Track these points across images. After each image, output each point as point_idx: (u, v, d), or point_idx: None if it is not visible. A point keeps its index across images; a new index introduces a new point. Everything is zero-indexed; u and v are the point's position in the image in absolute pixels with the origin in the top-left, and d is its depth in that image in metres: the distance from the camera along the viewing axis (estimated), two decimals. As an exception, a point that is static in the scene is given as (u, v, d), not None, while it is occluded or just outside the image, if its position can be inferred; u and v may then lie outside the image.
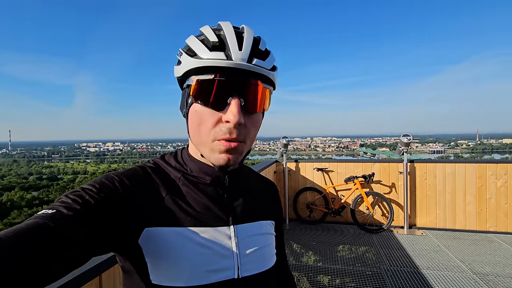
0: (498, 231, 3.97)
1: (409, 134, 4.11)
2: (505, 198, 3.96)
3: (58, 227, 0.38)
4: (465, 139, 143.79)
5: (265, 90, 0.51)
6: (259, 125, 0.55)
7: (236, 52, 0.47)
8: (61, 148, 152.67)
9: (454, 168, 4.16)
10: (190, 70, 0.49)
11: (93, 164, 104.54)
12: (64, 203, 0.43)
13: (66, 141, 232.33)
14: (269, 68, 0.51)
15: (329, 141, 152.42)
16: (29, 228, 0.36)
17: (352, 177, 4.32)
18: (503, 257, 3.25)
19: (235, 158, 0.51)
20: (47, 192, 36.83)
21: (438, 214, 4.20)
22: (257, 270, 0.56)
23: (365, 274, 2.92)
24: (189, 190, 0.55)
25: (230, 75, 0.48)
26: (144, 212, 0.50)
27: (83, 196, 0.45)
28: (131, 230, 0.48)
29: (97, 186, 0.47)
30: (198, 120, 0.51)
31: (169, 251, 0.49)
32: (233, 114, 0.47)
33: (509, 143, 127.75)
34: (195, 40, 0.50)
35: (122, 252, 0.50)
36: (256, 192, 0.65)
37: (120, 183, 0.50)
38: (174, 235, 0.50)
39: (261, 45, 0.52)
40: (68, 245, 0.38)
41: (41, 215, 0.40)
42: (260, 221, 0.61)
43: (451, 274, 2.89)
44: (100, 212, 0.44)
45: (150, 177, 0.55)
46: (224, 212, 0.56)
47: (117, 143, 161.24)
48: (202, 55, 0.48)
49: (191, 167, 0.58)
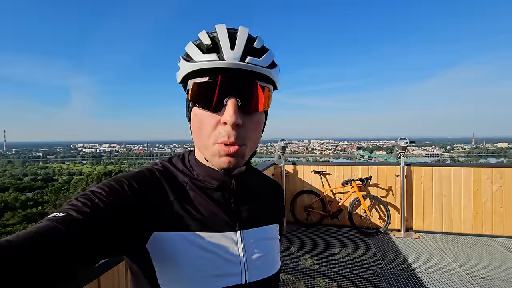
0: (493, 235, 4.00)
1: (406, 138, 4.14)
2: (501, 202, 4.00)
3: (69, 230, 0.39)
4: (461, 143, 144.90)
5: (262, 88, 0.50)
6: (261, 125, 0.54)
7: (228, 52, 0.47)
8: (57, 149, 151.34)
9: (450, 172, 4.20)
10: (187, 74, 0.50)
11: (89, 165, 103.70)
12: (74, 206, 0.43)
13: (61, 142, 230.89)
14: (265, 66, 0.50)
15: (326, 143, 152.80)
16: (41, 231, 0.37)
17: (350, 180, 4.33)
18: (499, 260, 3.27)
19: (237, 161, 0.50)
20: (42, 194, 36.46)
21: (434, 217, 4.23)
22: (263, 276, 0.56)
23: (362, 277, 2.93)
24: (196, 195, 0.55)
25: (225, 76, 0.47)
26: (152, 216, 0.50)
27: (93, 199, 0.45)
28: (140, 234, 0.48)
29: (106, 189, 0.47)
30: (198, 123, 0.51)
31: (176, 256, 0.49)
32: (229, 115, 0.46)
33: (504, 147, 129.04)
34: (192, 46, 0.51)
35: (130, 255, 0.51)
36: (262, 195, 0.65)
37: (129, 187, 0.50)
38: (181, 240, 0.50)
39: (256, 43, 0.51)
40: (78, 248, 0.39)
41: (52, 218, 0.40)
42: (266, 226, 0.61)
43: (447, 277, 2.91)
44: (109, 215, 0.45)
45: (159, 180, 0.55)
46: (231, 217, 0.56)
47: (113, 144, 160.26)
48: (196, 59, 0.49)
49: (197, 171, 0.58)
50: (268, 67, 0.50)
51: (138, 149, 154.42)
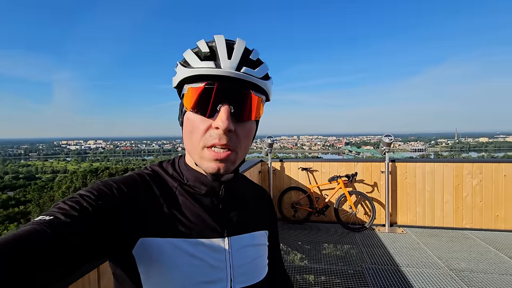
0: (473, 228, 4.13)
1: (391, 134, 4.20)
2: (480, 196, 4.13)
3: (55, 233, 0.38)
4: (445, 138, 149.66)
5: (255, 98, 0.52)
6: (252, 134, 0.56)
7: (225, 60, 0.49)
8: (39, 146, 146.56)
9: (433, 168, 4.30)
10: (184, 79, 0.51)
11: (74, 163, 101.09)
12: (62, 209, 0.43)
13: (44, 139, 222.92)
14: (260, 77, 0.52)
15: (315, 139, 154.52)
16: (27, 234, 0.37)
17: (336, 177, 4.37)
18: (478, 253, 3.39)
19: (226, 167, 0.51)
20: (24, 192, 35.28)
21: (417, 212, 4.33)
22: (249, 282, 0.57)
23: (348, 273, 2.96)
24: (185, 200, 0.56)
25: (221, 83, 0.49)
26: (140, 221, 0.50)
27: (81, 202, 0.45)
28: (127, 239, 0.48)
29: (95, 193, 0.48)
30: (190, 128, 0.52)
31: (162, 262, 0.49)
32: (222, 120, 0.48)
33: (485, 142, 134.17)
34: (190, 53, 0.53)
35: (115, 259, 0.51)
36: (250, 202, 0.66)
37: (118, 191, 0.50)
38: (168, 246, 0.50)
39: (252, 55, 0.53)
40: (65, 252, 0.39)
41: (38, 221, 0.40)
42: (254, 232, 0.62)
43: (429, 271, 2.98)
44: (98, 219, 0.45)
45: (148, 185, 0.55)
46: (219, 223, 0.56)
47: (99, 141, 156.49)
48: (194, 65, 0.51)
49: (187, 176, 0.58)
50: (262, 79, 0.53)
51: (125, 146, 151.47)
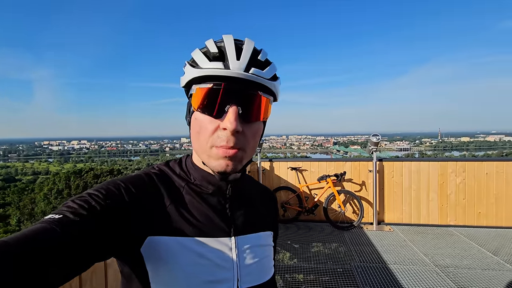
0: (457, 225, 4.26)
1: (378, 134, 4.26)
2: (463, 193, 4.26)
3: (65, 232, 0.39)
4: (428, 137, 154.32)
5: (263, 99, 0.52)
6: (259, 134, 0.56)
7: (234, 61, 0.49)
8: (19, 147, 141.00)
9: (419, 166, 4.39)
10: (192, 79, 0.51)
11: (56, 164, 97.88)
12: (70, 208, 0.43)
13: (24, 139, 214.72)
14: (268, 78, 0.52)
15: (304, 139, 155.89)
16: (37, 232, 0.37)
17: (325, 176, 4.40)
18: (461, 249, 3.48)
19: (234, 165, 0.51)
20: (3, 195, 33.82)
21: (404, 210, 4.42)
22: (256, 282, 0.57)
23: (337, 272, 2.98)
24: (192, 199, 0.56)
25: (229, 84, 0.49)
26: (148, 220, 0.50)
27: (89, 201, 0.45)
28: (135, 238, 0.49)
29: (103, 192, 0.48)
30: (197, 128, 0.52)
31: (170, 261, 0.49)
32: (230, 122, 0.48)
33: (467, 141, 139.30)
34: (198, 52, 0.52)
35: (123, 258, 0.51)
36: (257, 202, 0.66)
37: (126, 190, 0.50)
38: (175, 245, 0.50)
39: (261, 56, 0.53)
40: (74, 250, 0.39)
41: (47, 219, 0.40)
42: (260, 232, 0.62)
43: (416, 267, 3.04)
44: (106, 218, 0.45)
45: (156, 184, 0.55)
46: (226, 223, 0.57)
47: (83, 141, 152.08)
48: (203, 65, 0.50)
49: (194, 175, 0.58)
50: (271, 79, 0.52)
51: (111, 146, 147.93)
